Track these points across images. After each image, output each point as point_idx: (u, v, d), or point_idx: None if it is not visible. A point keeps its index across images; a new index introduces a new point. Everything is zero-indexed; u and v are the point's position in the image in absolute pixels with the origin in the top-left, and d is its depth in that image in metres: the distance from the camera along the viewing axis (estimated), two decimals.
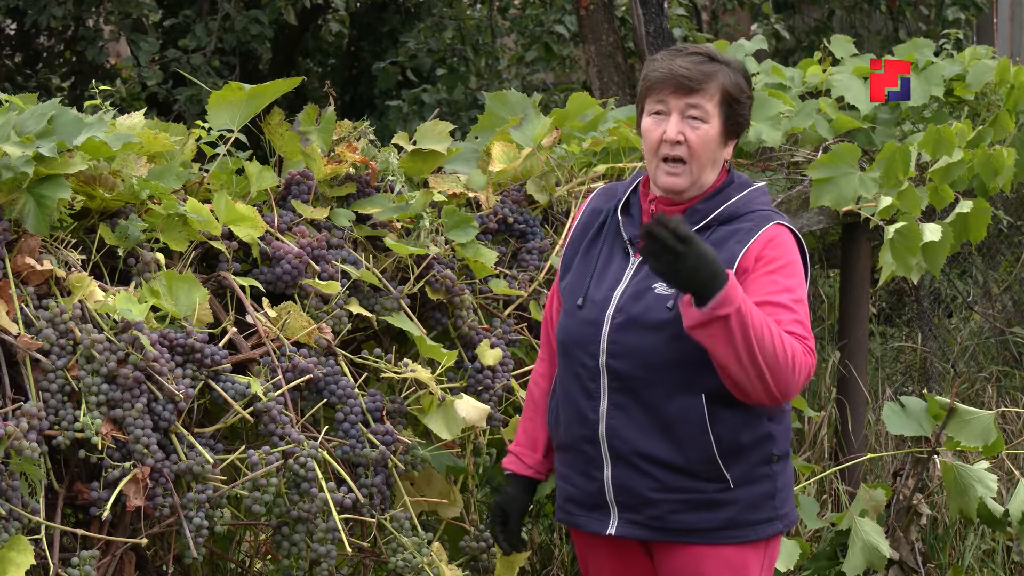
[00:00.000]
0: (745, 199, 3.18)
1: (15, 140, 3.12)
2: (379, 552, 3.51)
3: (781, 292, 3.08)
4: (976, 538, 5.06)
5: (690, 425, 3.11)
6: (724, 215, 3.16)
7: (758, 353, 2.96)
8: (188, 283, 3.28)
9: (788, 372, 3.00)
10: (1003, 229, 6.65)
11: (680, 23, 10.44)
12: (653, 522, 3.16)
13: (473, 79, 10.44)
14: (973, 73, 5.14)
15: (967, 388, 6.30)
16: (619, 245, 3.23)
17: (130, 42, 8.84)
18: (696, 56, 3.15)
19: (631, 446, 3.15)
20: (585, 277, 3.24)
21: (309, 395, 3.43)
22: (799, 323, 3.06)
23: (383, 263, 3.72)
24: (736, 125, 3.17)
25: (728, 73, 3.15)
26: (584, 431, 3.20)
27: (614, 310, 3.16)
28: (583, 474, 3.23)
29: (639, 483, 3.15)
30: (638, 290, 3.16)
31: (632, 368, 3.13)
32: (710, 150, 3.14)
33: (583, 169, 4.23)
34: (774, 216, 3.18)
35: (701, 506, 3.14)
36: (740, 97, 3.15)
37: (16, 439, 2.98)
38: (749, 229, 3.14)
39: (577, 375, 3.21)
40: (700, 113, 3.12)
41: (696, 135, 3.12)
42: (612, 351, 3.15)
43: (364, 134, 3.78)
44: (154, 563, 3.41)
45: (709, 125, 3.13)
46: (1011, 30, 12.77)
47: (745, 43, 5.20)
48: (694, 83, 3.11)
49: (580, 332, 3.20)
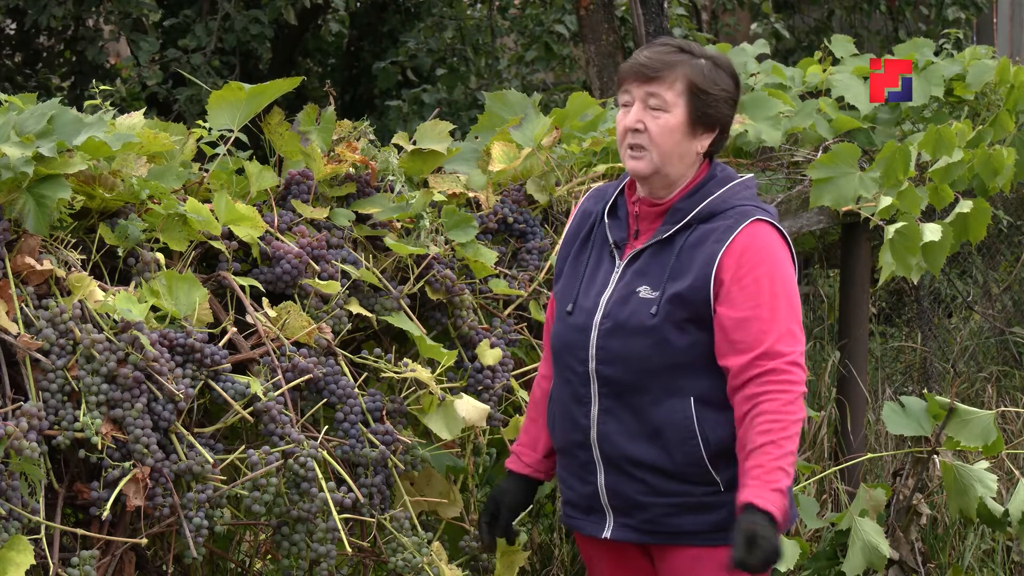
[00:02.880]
0: (726, 195, 3.16)
1: (15, 140, 3.12)
2: (379, 552, 3.51)
3: (760, 306, 3.06)
4: (976, 538, 5.06)
5: (678, 429, 3.11)
6: (704, 213, 3.14)
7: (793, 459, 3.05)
8: (188, 283, 3.28)
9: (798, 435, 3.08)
10: (1003, 229, 6.65)
11: (680, 23, 10.43)
12: (646, 525, 3.17)
13: (473, 79, 10.43)
14: (973, 73, 5.13)
15: (967, 388, 6.30)
16: (606, 250, 3.23)
17: (130, 42, 8.83)
18: (665, 47, 3.14)
19: (621, 451, 3.15)
20: (575, 283, 3.24)
21: (309, 395, 3.43)
22: (780, 339, 3.05)
23: (383, 263, 3.72)
24: (706, 117, 3.12)
25: (696, 64, 3.11)
26: (577, 436, 3.21)
27: (601, 316, 3.16)
28: (579, 478, 3.24)
29: (630, 487, 3.16)
30: (623, 295, 3.15)
31: (620, 373, 3.13)
32: (673, 140, 3.11)
33: (583, 169, 4.23)
34: (754, 211, 3.14)
35: (693, 509, 3.14)
36: (709, 88, 3.11)
37: (16, 439, 2.98)
38: (728, 227, 3.11)
39: (568, 381, 3.21)
40: (658, 102, 3.10)
41: (656, 124, 3.10)
42: (601, 357, 3.15)
43: (364, 134, 3.78)
44: (154, 563, 3.41)
45: (670, 115, 3.10)
46: (1011, 30, 12.76)
47: (747, 47, 5.20)
48: (651, 71, 3.10)
49: (570, 338, 3.20)
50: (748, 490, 2.99)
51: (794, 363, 3.05)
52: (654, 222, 3.18)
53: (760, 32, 11.18)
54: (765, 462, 2.99)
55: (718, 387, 3.11)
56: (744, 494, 3.00)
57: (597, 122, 4.31)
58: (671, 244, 3.14)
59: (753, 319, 3.05)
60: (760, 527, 2.96)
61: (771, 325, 3.05)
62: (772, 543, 2.95)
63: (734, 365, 3.06)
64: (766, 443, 3.00)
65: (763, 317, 3.05)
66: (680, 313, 3.09)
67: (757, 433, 3.01)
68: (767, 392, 3.03)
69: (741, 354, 3.05)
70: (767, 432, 3.00)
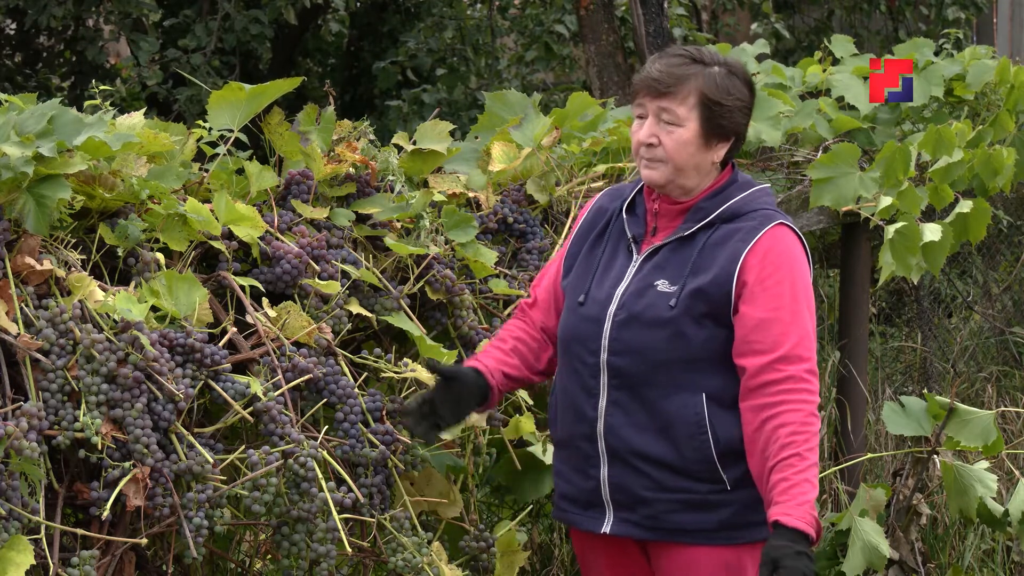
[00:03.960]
0: (748, 198, 3.18)
1: (15, 140, 3.12)
2: (379, 552, 3.51)
3: (782, 308, 3.07)
4: (976, 538, 5.06)
5: (688, 424, 3.11)
6: (727, 213, 3.16)
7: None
8: (188, 283, 3.28)
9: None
10: (1003, 229, 6.65)
11: (680, 23, 10.43)
12: (648, 521, 3.16)
13: (473, 79, 10.43)
14: (973, 73, 5.14)
15: (967, 388, 6.30)
16: (623, 244, 3.24)
17: (130, 42, 8.83)
18: (677, 58, 3.13)
19: (628, 444, 3.15)
20: (588, 275, 3.24)
21: (309, 395, 3.43)
22: (800, 343, 3.05)
23: (383, 263, 3.72)
24: (720, 128, 3.13)
25: (709, 75, 3.11)
26: (582, 428, 3.20)
27: (616, 307, 3.16)
28: (579, 471, 3.23)
29: (635, 482, 3.15)
30: (640, 287, 3.16)
31: (633, 365, 3.13)
32: (687, 153, 3.12)
33: (583, 169, 4.23)
34: (776, 216, 3.17)
35: (697, 506, 3.14)
36: (723, 99, 3.11)
37: (16, 439, 2.98)
38: (753, 228, 3.13)
39: (577, 371, 3.21)
40: (671, 117, 3.11)
41: (670, 139, 3.11)
42: (613, 348, 3.15)
43: (364, 134, 3.78)
44: (154, 563, 3.41)
45: (684, 128, 3.11)
46: (1011, 30, 12.76)
47: (747, 47, 5.20)
48: (663, 86, 3.10)
49: (581, 329, 3.20)
50: (777, 507, 2.98)
51: (811, 371, 3.06)
52: (674, 220, 3.19)
53: (760, 32, 11.18)
54: (791, 475, 2.98)
55: (730, 386, 3.11)
56: (773, 512, 2.99)
57: (597, 122, 4.31)
58: (692, 241, 3.16)
59: (774, 320, 3.06)
60: (786, 551, 2.94)
61: (791, 328, 3.06)
62: (799, 567, 2.93)
63: (751, 366, 3.06)
64: (791, 456, 2.99)
65: (784, 319, 3.06)
66: (700, 307, 3.10)
67: (780, 446, 3.00)
68: (787, 402, 3.03)
69: (759, 355, 3.06)
70: (790, 445, 3.00)
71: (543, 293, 3.39)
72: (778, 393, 3.03)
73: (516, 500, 4.49)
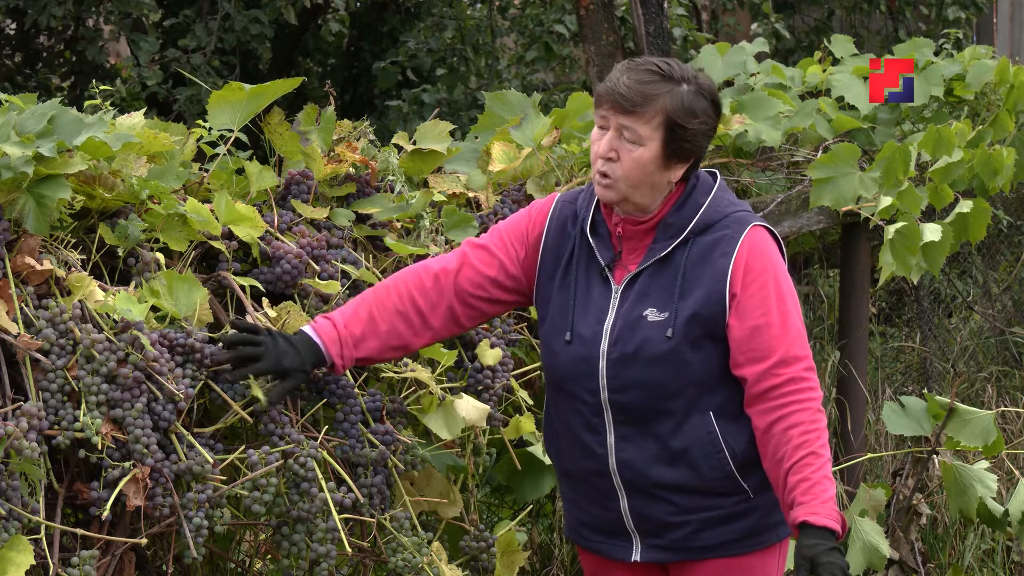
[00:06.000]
0: (714, 203, 3.11)
1: (15, 140, 3.12)
2: (379, 552, 3.51)
3: (770, 312, 3.05)
4: (976, 538, 5.06)
5: (703, 445, 3.09)
6: (699, 226, 3.09)
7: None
8: (188, 283, 3.28)
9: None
10: (1003, 229, 6.65)
11: (680, 23, 10.43)
12: (676, 544, 3.13)
13: (473, 79, 10.43)
14: (973, 73, 5.14)
15: (967, 388, 6.30)
16: (594, 270, 3.15)
17: (130, 42, 8.83)
18: (646, 73, 3.02)
19: (645, 477, 3.11)
20: (567, 310, 3.16)
21: (309, 395, 3.43)
22: (793, 343, 3.04)
23: (383, 263, 3.72)
24: (681, 150, 3.04)
25: (677, 95, 3.01)
26: (593, 465, 3.15)
27: (607, 345, 3.10)
28: (597, 504, 3.19)
29: (658, 510, 3.12)
30: (628, 321, 3.09)
31: (636, 400, 3.09)
32: (644, 173, 3.04)
33: (583, 169, 4.23)
34: (747, 217, 3.11)
35: (722, 521, 3.12)
36: (686, 122, 3.01)
37: (16, 439, 2.97)
38: (730, 238, 3.07)
39: (578, 411, 3.15)
40: (633, 136, 3.02)
41: (629, 157, 3.03)
42: (613, 387, 3.10)
43: (364, 134, 3.78)
44: (154, 563, 3.41)
45: (644, 148, 3.02)
46: (1011, 30, 12.77)
47: (746, 45, 5.19)
48: (629, 104, 3.00)
49: (574, 369, 3.14)
50: (802, 508, 2.97)
51: (809, 367, 3.05)
52: (642, 240, 3.12)
53: (760, 32, 11.18)
54: (810, 474, 2.97)
55: (734, 397, 3.09)
56: (797, 512, 2.97)
57: None
58: (671, 262, 3.09)
59: (765, 326, 3.04)
60: (820, 549, 2.93)
61: (783, 330, 3.05)
62: (836, 562, 2.93)
63: (751, 374, 3.04)
64: (806, 455, 2.98)
65: (774, 323, 3.04)
66: (696, 331, 3.06)
67: (794, 447, 2.99)
68: (794, 403, 3.02)
69: (757, 363, 3.04)
70: (804, 444, 2.99)
71: (498, 244, 3.24)
72: (782, 396, 3.02)
73: (516, 500, 4.49)
